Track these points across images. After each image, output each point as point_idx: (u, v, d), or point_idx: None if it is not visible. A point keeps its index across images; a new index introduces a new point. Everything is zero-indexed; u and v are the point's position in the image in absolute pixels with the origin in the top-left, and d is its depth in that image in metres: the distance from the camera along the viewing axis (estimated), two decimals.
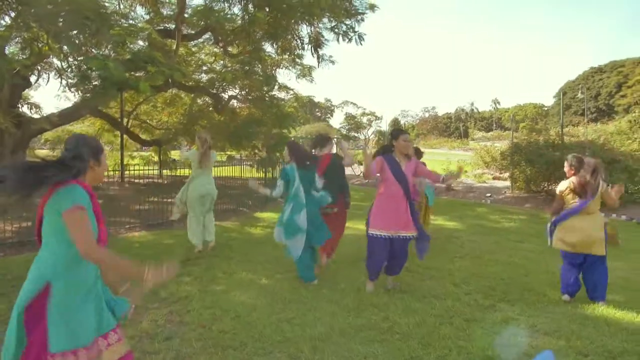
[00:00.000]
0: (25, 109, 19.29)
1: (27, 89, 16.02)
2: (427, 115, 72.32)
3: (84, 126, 18.95)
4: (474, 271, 5.51)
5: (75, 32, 6.71)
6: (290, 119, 17.28)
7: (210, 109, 18.06)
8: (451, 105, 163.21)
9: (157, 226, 8.04)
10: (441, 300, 4.40)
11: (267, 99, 16.17)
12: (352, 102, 79.33)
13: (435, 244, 7.02)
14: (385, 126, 72.74)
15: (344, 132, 69.21)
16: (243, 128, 15.30)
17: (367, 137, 74.45)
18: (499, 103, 75.76)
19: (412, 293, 4.62)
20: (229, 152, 18.27)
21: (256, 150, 17.13)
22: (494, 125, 69.97)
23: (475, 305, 4.32)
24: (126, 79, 6.99)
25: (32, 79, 16.00)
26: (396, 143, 4.65)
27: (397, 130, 4.95)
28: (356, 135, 73.91)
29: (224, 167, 15.46)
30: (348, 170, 24.29)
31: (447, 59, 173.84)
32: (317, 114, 71.49)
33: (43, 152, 19.51)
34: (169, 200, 10.63)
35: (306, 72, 18.41)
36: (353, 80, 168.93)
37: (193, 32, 15.50)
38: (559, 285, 4.92)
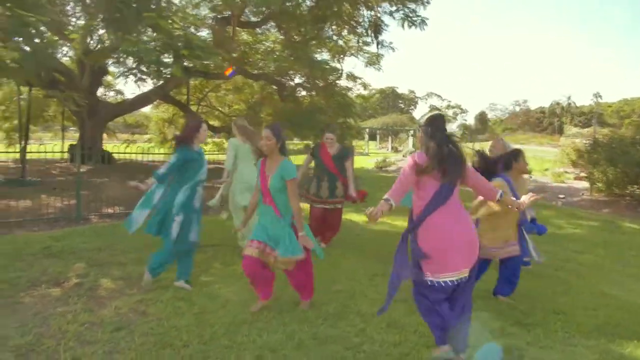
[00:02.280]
0: (111, 94, 20.73)
1: (105, 76, 17.06)
2: (517, 109, 67.38)
3: (159, 112, 19.95)
4: None
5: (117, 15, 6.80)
6: (353, 108, 16.83)
7: (276, 97, 18.12)
8: (545, 99, 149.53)
9: None
10: None
11: (326, 86, 15.87)
12: (436, 94, 76.72)
13: None
14: (471, 120, 69.54)
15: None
16: (305, 116, 15.09)
17: (451, 130, 71.54)
18: (600, 97, 68.62)
19: (411, 303, 4.04)
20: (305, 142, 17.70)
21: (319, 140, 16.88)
22: (594, 121, 63.53)
23: (478, 326, 3.65)
24: (157, 61, 6.99)
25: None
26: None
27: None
28: None
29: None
30: None
31: (542, 49, 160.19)
32: (400, 105, 69.86)
33: (123, 136, 20.93)
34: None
35: (374, 60, 17.74)
36: (439, 72, 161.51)
37: (257, 19, 15.50)
38: (602, 311, 4.09)
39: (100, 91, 19.77)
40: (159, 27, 6.83)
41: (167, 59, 9.33)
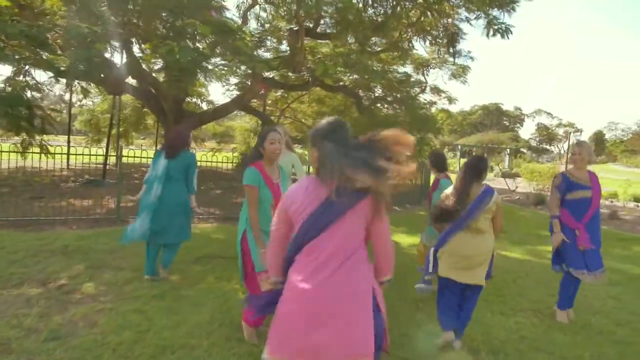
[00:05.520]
0: (204, 106, 21.94)
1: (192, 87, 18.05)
2: None
3: (243, 122, 20.73)
4: (527, 334, 3.85)
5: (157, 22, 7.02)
6: (432, 123, 15.99)
7: (353, 109, 17.90)
8: None
9: (229, 220, 7.97)
10: None
11: (403, 98, 15.29)
12: (546, 112, 70.77)
13: (502, 280, 5.30)
14: (585, 139, 62.80)
15: (534, 144, 62.14)
16: (379, 129, 14.59)
17: (561, 151, 65.32)
18: None
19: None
20: None
21: None
22: None
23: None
24: (194, 66, 7.02)
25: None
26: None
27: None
28: (548, 148, 65.49)
29: None
30: (498, 184, 21.36)
31: None
32: (505, 122, 65.66)
33: (209, 145, 22.04)
34: None
35: (460, 72, 16.68)
36: (550, 88, 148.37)
37: (334, 30, 15.40)
38: None
39: (194, 101, 21.04)
40: (193, 34, 6.90)
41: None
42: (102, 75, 9.82)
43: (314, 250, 1.91)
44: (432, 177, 5.37)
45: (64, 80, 9.54)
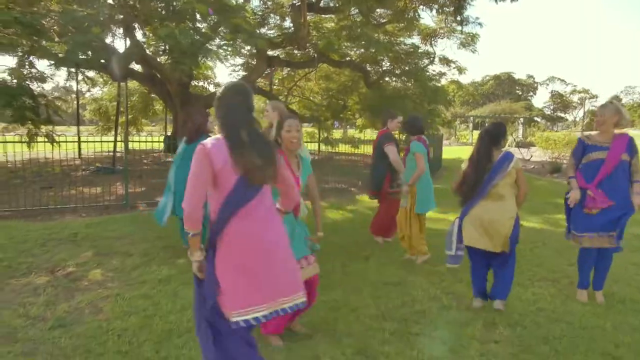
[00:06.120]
0: (212, 88, 21.72)
1: (196, 69, 17.87)
2: None
3: None
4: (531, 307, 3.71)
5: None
6: (442, 95, 15.59)
7: (361, 84, 17.55)
8: None
9: None
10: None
11: (411, 70, 14.93)
12: (559, 79, 69.01)
13: (519, 250, 5.14)
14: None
15: (547, 113, 60.87)
16: (389, 103, 14.31)
17: (576, 118, 63.93)
18: None
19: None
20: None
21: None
22: None
23: None
24: (195, 48, 6.84)
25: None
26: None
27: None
28: (563, 115, 64.15)
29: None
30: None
31: None
32: (517, 92, 64.31)
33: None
34: None
35: (468, 41, 16.18)
36: (564, 54, 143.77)
37: (337, 4, 15.03)
38: None
39: (200, 84, 20.82)
40: (192, 12, 6.72)
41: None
42: (103, 61, 9.70)
43: (250, 212, 2.05)
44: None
45: (65, 69, 9.44)
